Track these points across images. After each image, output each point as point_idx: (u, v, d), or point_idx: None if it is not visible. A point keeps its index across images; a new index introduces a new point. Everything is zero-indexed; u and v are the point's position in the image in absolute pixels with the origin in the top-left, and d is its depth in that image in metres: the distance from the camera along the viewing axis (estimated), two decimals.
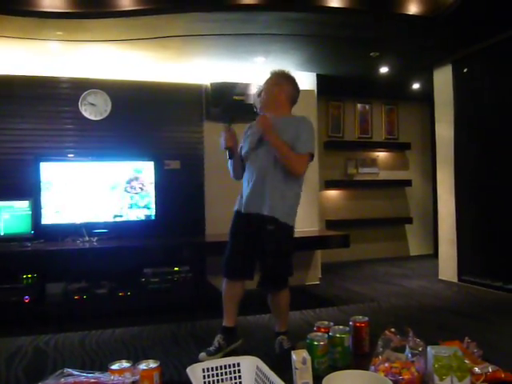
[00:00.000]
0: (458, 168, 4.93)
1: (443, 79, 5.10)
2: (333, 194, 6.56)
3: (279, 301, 2.78)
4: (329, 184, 6.39)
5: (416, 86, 6.18)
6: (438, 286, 4.91)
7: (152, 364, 1.41)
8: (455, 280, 4.93)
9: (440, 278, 5.15)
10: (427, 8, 3.78)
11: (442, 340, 1.83)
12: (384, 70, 5.20)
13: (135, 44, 4.00)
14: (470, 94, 4.80)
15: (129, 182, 4.34)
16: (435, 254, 5.80)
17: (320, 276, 5.30)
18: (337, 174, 6.56)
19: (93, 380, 1.14)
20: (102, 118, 4.49)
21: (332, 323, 1.87)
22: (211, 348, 2.66)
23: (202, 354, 2.62)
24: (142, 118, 4.60)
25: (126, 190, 4.33)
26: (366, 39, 4.29)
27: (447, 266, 5.08)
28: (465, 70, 4.84)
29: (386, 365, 1.54)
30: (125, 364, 1.41)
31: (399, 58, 4.91)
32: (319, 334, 1.69)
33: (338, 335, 1.70)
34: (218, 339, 2.70)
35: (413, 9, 3.78)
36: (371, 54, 4.65)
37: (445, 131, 5.10)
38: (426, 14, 3.79)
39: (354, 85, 5.95)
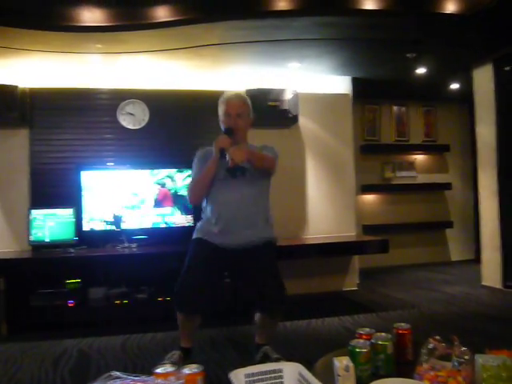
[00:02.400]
0: (502, 170, 4.77)
1: (484, 79, 4.96)
2: (370, 198, 6.48)
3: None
4: (365, 188, 6.32)
5: (455, 86, 6.04)
6: (481, 292, 4.77)
7: (196, 369, 1.42)
8: (499, 286, 4.77)
9: (483, 283, 4.99)
10: (466, 5, 3.69)
11: (489, 348, 1.77)
12: (421, 70, 5.10)
13: (171, 54, 4.07)
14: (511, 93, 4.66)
15: (166, 189, 4.40)
16: (477, 260, 5.63)
17: (358, 282, 5.24)
18: (373, 178, 6.48)
19: (139, 383, 1.17)
20: (140, 127, 4.59)
21: (374, 330, 1.85)
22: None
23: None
24: (179, 126, 4.67)
25: (164, 197, 4.39)
26: (402, 40, 4.22)
27: (491, 271, 4.92)
28: (507, 69, 4.70)
29: (432, 373, 1.50)
30: (169, 368, 1.43)
31: (437, 58, 4.81)
32: (361, 340, 1.67)
33: (380, 342, 1.67)
34: (174, 355, 2.66)
35: (450, 7, 3.69)
36: (407, 55, 4.57)
37: (486, 132, 4.96)
38: (465, 11, 3.69)
39: (389, 87, 5.87)
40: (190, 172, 4.42)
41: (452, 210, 6.91)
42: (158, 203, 4.39)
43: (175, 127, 4.66)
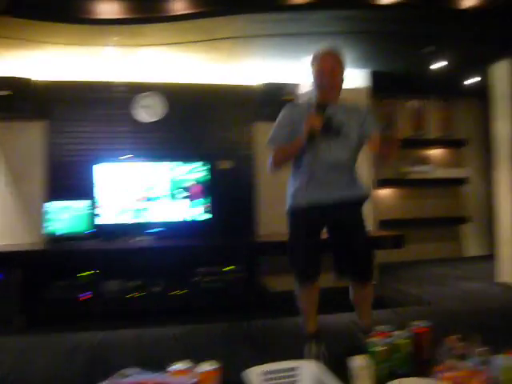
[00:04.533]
0: None
1: (501, 74, 4.90)
2: (385, 193, 6.42)
3: (369, 292, 2.61)
4: (381, 183, 6.24)
5: (472, 81, 5.94)
6: (495, 289, 4.71)
7: (211, 366, 1.42)
8: None
9: (498, 280, 4.94)
10: (484, 0, 3.63)
11: (507, 347, 1.75)
12: (438, 65, 5.03)
13: (188, 47, 4.06)
14: None
15: (182, 182, 4.41)
16: (492, 255, 5.57)
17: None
18: (389, 173, 6.40)
19: (153, 381, 1.17)
20: (156, 120, 4.59)
21: (391, 328, 1.83)
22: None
23: None
24: (195, 120, 4.67)
25: (179, 191, 4.40)
26: (420, 34, 4.16)
27: (506, 267, 4.87)
28: None
29: (450, 373, 1.49)
30: (184, 365, 1.43)
31: (454, 52, 4.73)
32: (379, 339, 1.66)
33: (398, 341, 1.66)
34: (318, 349, 2.41)
35: (468, 2, 3.63)
36: (425, 50, 4.51)
37: (503, 128, 4.89)
38: (483, 6, 3.63)
39: (407, 81, 5.79)
40: (205, 166, 4.47)
41: (467, 205, 6.82)
42: (185, 196, 4.42)
43: (191, 120, 4.66)
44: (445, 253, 6.59)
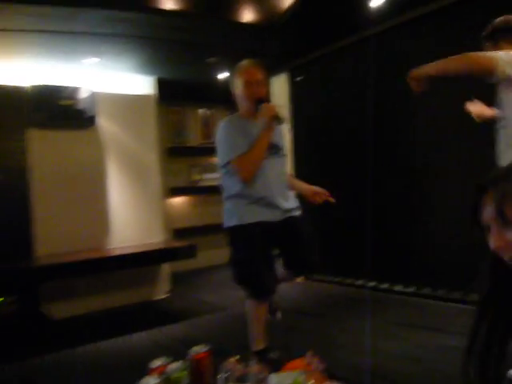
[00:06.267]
0: (296, 169, 5.13)
1: (280, 86, 5.26)
2: (178, 201, 6.37)
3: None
4: (174, 191, 6.19)
5: None
6: (283, 286, 5.01)
7: None
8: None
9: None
10: (262, 17, 3.83)
11: (287, 360, 1.79)
12: (223, 75, 5.18)
13: None
14: (303, 100, 5.02)
15: None
16: None
17: (168, 288, 5.08)
18: (181, 181, 6.38)
19: None
20: None
21: (170, 359, 1.70)
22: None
23: None
24: None
25: None
26: (203, 44, 4.22)
27: None
28: (298, 79, 5.04)
29: None
30: None
31: (236, 64, 4.91)
32: (152, 379, 1.50)
33: (175, 375, 1.53)
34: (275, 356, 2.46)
35: (247, 17, 3.79)
36: (209, 60, 4.58)
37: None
38: (261, 22, 3.84)
39: (194, 90, 5.84)
40: None
41: None
42: None
43: None
44: None
